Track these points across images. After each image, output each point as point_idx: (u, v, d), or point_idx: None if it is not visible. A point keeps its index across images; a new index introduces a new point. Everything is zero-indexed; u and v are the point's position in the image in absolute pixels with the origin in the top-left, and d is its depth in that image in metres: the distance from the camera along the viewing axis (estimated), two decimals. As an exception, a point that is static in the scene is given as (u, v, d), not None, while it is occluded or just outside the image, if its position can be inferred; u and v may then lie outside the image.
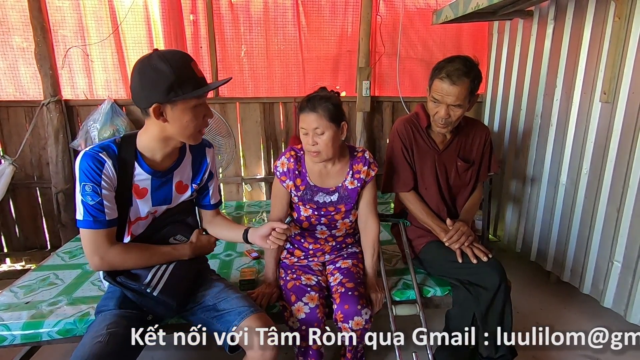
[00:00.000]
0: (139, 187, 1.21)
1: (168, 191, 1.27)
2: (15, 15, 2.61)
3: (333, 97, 1.40)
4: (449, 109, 1.50)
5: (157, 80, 1.07)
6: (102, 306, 1.23)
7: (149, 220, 1.28)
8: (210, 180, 1.39)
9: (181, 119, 1.12)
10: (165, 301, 1.18)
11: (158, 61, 1.07)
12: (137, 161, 1.19)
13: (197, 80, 1.12)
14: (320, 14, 2.99)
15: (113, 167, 1.13)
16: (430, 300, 1.63)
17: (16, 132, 2.75)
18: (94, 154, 1.12)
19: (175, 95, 1.08)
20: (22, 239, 2.92)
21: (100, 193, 1.11)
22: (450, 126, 1.58)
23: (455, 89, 1.46)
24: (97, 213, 1.12)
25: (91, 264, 1.17)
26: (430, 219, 1.65)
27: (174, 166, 1.27)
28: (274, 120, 3.09)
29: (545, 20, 2.47)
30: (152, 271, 1.20)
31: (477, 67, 1.50)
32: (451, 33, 3.17)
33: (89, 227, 1.12)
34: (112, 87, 2.84)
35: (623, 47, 1.90)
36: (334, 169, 1.50)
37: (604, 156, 2.05)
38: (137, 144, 1.19)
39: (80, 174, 1.11)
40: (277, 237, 1.25)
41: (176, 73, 1.06)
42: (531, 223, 2.68)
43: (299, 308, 1.37)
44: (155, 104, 1.09)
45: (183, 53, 1.13)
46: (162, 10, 2.77)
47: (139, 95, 1.12)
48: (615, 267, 1.99)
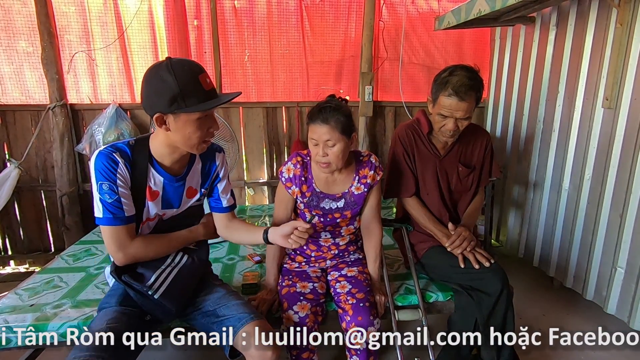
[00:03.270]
0: (152, 189, 1.22)
1: (179, 196, 1.28)
2: (21, 20, 2.65)
3: (344, 108, 1.38)
4: (457, 121, 1.51)
5: (161, 91, 1.07)
6: (104, 303, 1.25)
7: (156, 222, 1.29)
8: (219, 181, 1.37)
9: (184, 130, 1.13)
10: (165, 305, 1.19)
11: (165, 71, 1.07)
12: (151, 164, 1.20)
13: (204, 93, 1.11)
14: (323, 19, 3.01)
15: (126, 167, 1.15)
16: (432, 306, 1.62)
17: (22, 136, 2.78)
18: (108, 153, 1.13)
19: (177, 107, 1.08)
20: (26, 242, 2.93)
21: (117, 191, 1.13)
22: (457, 135, 1.59)
23: (464, 104, 1.46)
24: (116, 210, 1.13)
25: (115, 259, 1.18)
26: (432, 224, 1.65)
27: (186, 172, 1.28)
28: (277, 124, 3.11)
29: (547, 27, 2.48)
30: (156, 272, 1.21)
31: (479, 77, 1.51)
32: (453, 39, 3.19)
33: (109, 224, 1.14)
34: (116, 91, 2.87)
35: (625, 53, 1.91)
36: (340, 176, 1.49)
37: (606, 162, 2.05)
38: (150, 147, 1.21)
39: (96, 172, 1.12)
40: (299, 235, 1.25)
41: (180, 85, 1.06)
42: (534, 228, 2.68)
43: (289, 316, 1.38)
44: (158, 113, 1.10)
45: (193, 64, 1.12)
46: (166, 16, 2.80)
47: (145, 102, 1.13)
48: (619, 273, 1.98)
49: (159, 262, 1.25)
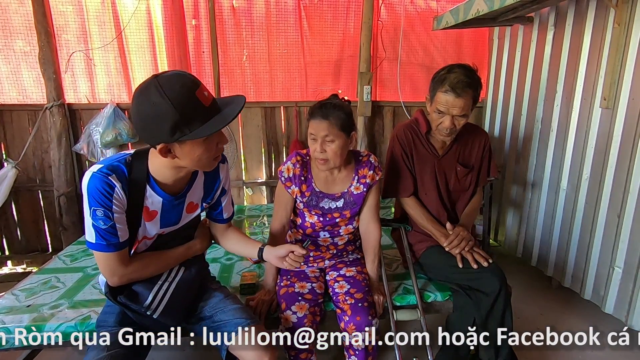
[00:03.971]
0: (149, 209, 1.14)
1: (178, 213, 1.22)
2: (18, 20, 2.64)
3: (345, 106, 1.39)
4: (454, 119, 1.51)
5: (158, 120, 0.95)
6: (101, 321, 1.22)
7: (154, 240, 1.24)
8: (223, 195, 1.33)
9: (192, 154, 1.04)
10: (164, 323, 1.17)
11: (157, 97, 0.94)
12: (149, 184, 1.11)
13: (206, 111, 0.99)
14: (322, 19, 3.01)
15: (123, 191, 1.05)
16: (430, 305, 1.62)
17: (19, 136, 2.77)
18: (103, 176, 1.03)
19: (181, 134, 0.97)
20: (23, 242, 2.93)
21: (112, 217, 1.04)
22: (454, 134, 1.59)
23: (461, 101, 1.46)
24: (110, 237, 1.06)
25: (110, 282, 1.13)
26: (431, 224, 1.65)
27: (187, 189, 1.20)
28: (275, 124, 3.11)
29: (545, 27, 2.48)
30: (153, 290, 1.17)
31: (477, 76, 1.51)
32: (452, 38, 3.19)
33: (102, 250, 1.07)
34: (114, 91, 2.86)
35: (623, 53, 1.91)
36: (340, 176, 1.50)
37: (604, 162, 2.05)
38: (149, 166, 1.11)
39: (89, 197, 1.03)
40: (295, 259, 1.25)
41: (179, 110, 0.94)
42: (532, 228, 2.68)
43: (287, 317, 1.37)
44: (160, 144, 1.00)
45: (186, 79, 0.98)
46: (164, 15, 2.80)
47: (143, 134, 1.02)
48: (616, 272, 1.99)
49: (154, 278, 1.20)
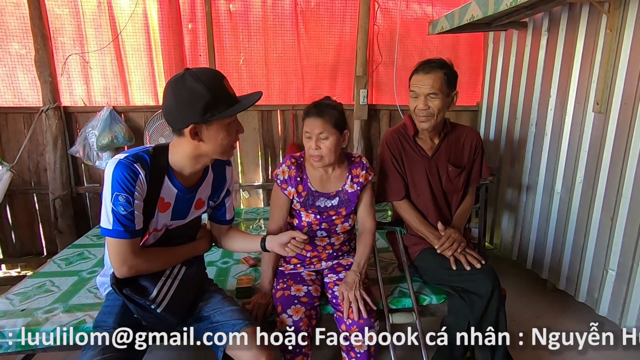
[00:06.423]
0: (164, 200, 1.19)
1: (188, 207, 1.27)
2: (14, 22, 2.63)
3: (338, 106, 1.47)
4: (427, 99, 1.57)
5: (193, 101, 1.07)
6: (100, 321, 1.22)
7: (162, 232, 1.27)
8: (227, 197, 1.40)
9: (216, 137, 1.14)
10: (167, 318, 1.18)
11: (192, 82, 1.07)
12: (167, 175, 1.18)
13: (230, 97, 1.13)
14: (318, 23, 3.03)
15: (145, 179, 1.12)
16: (426, 308, 1.63)
17: (15, 139, 2.76)
18: (129, 164, 1.09)
19: (211, 115, 1.09)
20: (18, 246, 2.91)
21: (133, 203, 1.09)
22: (433, 120, 1.60)
23: (429, 78, 1.56)
24: (128, 222, 1.09)
25: (118, 273, 1.14)
26: (423, 226, 1.66)
27: (199, 184, 1.27)
28: (272, 127, 3.11)
29: (539, 32, 2.51)
30: (158, 285, 1.19)
31: (450, 66, 1.61)
32: (448, 43, 3.21)
33: (118, 236, 1.10)
34: (111, 94, 2.86)
35: (615, 58, 1.94)
36: (334, 174, 1.54)
37: (597, 165, 2.07)
38: (169, 158, 1.18)
39: (114, 182, 1.08)
40: (296, 245, 1.32)
41: (211, 93, 1.07)
42: (527, 231, 2.70)
43: (283, 320, 1.38)
44: (191, 124, 1.09)
45: (214, 71, 1.15)
46: (161, 19, 2.80)
47: (175, 116, 1.11)
48: (610, 275, 2.01)
49: (159, 273, 1.22)
